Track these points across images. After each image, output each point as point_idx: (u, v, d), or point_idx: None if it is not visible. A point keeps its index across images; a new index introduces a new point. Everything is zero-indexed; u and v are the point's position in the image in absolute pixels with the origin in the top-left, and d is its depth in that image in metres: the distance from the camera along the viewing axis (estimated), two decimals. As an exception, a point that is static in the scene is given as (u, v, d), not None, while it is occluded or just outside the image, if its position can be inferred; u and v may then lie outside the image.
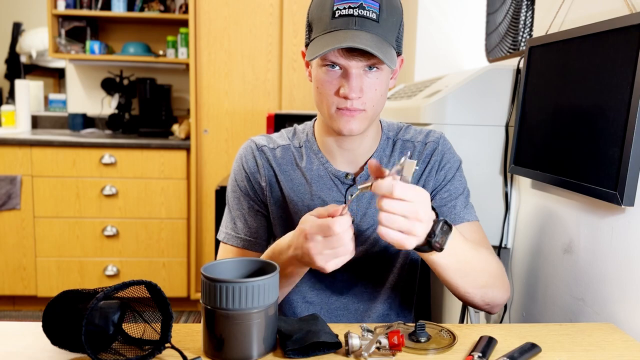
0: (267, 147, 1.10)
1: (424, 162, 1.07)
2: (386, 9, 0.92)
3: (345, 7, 0.90)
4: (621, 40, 0.97)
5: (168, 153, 2.94)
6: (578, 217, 1.14)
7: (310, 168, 1.07)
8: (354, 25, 0.90)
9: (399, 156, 1.08)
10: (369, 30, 0.90)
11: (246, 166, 1.10)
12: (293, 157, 1.09)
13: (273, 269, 0.81)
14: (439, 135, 1.10)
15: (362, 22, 0.90)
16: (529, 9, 1.62)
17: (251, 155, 1.10)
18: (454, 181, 1.08)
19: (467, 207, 1.08)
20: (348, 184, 1.06)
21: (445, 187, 1.08)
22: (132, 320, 0.83)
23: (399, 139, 1.09)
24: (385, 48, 0.90)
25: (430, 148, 1.08)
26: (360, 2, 0.90)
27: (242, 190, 1.10)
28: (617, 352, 0.85)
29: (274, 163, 1.09)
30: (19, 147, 2.85)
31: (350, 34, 0.89)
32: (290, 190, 1.07)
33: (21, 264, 2.94)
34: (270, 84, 2.95)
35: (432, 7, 2.47)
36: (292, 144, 1.10)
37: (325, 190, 1.06)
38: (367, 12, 0.90)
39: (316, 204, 1.05)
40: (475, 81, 1.40)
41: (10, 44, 3.52)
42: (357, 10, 0.90)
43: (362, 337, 0.80)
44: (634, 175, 0.94)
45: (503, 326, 0.96)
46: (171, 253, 3.02)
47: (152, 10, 3.19)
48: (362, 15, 0.90)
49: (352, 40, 0.87)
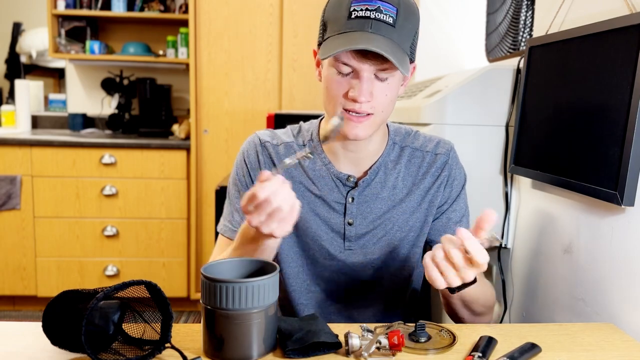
0: (270, 143, 1.09)
1: (433, 176, 1.07)
2: (403, 15, 0.90)
3: (363, 9, 0.89)
4: (621, 40, 0.97)
5: (168, 153, 2.94)
6: (578, 217, 1.14)
7: (312, 167, 1.07)
8: (370, 27, 0.88)
9: (406, 164, 1.08)
10: (384, 34, 0.89)
11: (248, 160, 1.10)
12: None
13: (273, 269, 0.81)
14: (449, 148, 1.09)
15: (378, 25, 0.89)
16: (529, 9, 1.62)
17: (254, 149, 1.10)
18: (459, 200, 1.10)
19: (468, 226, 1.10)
20: (350, 187, 1.05)
21: (452, 206, 1.09)
22: (132, 320, 0.83)
23: (408, 146, 1.08)
24: (399, 54, 0.89)
25: (441, 161, 1.07)
26: (378, 5, 0.88)
27: (242, 184, 1.10)
28: (617, 352, 0.85)
29: (276, 159, 1.08)
30: (19, 147, 2.85)
31: (365, 36, 0.88)
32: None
33: (21, 264, 2.94)
34: (270, 84, 2.94)
35: (432, 7, 2.47)
36: (296, 142, 1.10)
37: (326, 190, 1.06)
38: (384, 15, 0.89)
39: (317, 202, 1.05)
40: (475, 81, 1.40)
41: (10, 44, 3.52)
42: (374, 13, 0.88)
43: (362, 337, 0.80)
44: (634, 175, 0.94)
45: (503, 326, 0.96)
46: (171, 253, 3.02)
47: (152, 10, 3.19)
48: (378, 18, 0.88)
49: (367, 43, 0.86)
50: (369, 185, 1.05)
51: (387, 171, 1.06)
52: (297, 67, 2.92)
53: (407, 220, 1.07)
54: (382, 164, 1.06)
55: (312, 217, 1.05)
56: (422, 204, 1.07)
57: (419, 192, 1.07)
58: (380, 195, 1.05)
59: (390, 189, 1.06)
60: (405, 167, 1.07)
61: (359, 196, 1.05)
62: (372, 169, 1.05)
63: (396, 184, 1.06)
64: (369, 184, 1.05)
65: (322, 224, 1.06)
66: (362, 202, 1.05)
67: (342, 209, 1.05)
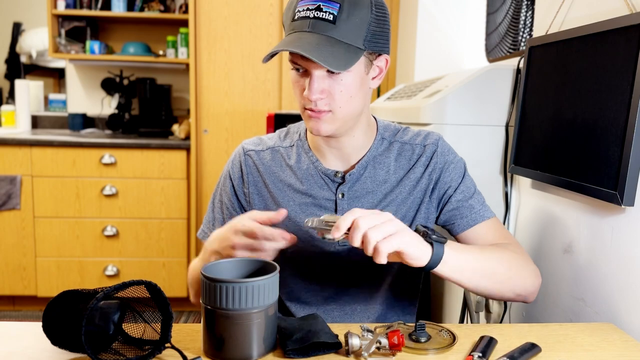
0: (254, 150, 1.12)
1: (422, 165, 1.07)
2: (347, 9, 0.89)
3: (304, 9, 0.91)
4: (621, 40, 0.97)
5: (168, 153, 2.94)
6: (578, 217, 1.14)
7: (300, 167, 1.08)
8: (307, 27, 0.90)
9: (396, 157, 1.08)
10: (322, 32, 0.89)
11: (231, 172, 1.13)
12: (282, 157, 1.10)
13: (273, 269, 0.81)
14: (437, 137, 1.09)
15: (316, 24, 0.89)
16: (529, 9, 1.62)
17: (237, 161, 1.13)
18: (465, 181, 1.09)
19: (484, 204, 1.09)
20: (338, 182, 1.06)
21: (459, 189, 1.08)
22: (132, 320, 0.83)
23: (396, 141, 1.09)
24: (337, 50, 0.88)
25: (430, 150, 1.07)
26: (319, 3, 0.89)
27: (225, 194, 1.13)
28: (617, 352, 0.85)
29: (261, 167, 1.10)
30: (19, 147, 2.85)
31: (298, 37, 0.89)
32: (279, 191, 1.08)
33: (21, 264, 2.94)
34: (270, 84, 2.95)
35: (432, 7, 2.47)
36: (282, 144, 1.12)
37: (316, 188, 1.06)
38: (324, 13, 0.89)
39: (307, 202, 1.06)
40: (475, 81, 1.40)
41: (10, 44, 3.52)
42: (314, 12, 0.90)
43: (362, 337, 0.80)
44: (634, 175, 0.94)
45: (503, 326, 0.96)
46: (171, 253, 3.02)
47: (152, 10, 3.19)
48: (317, 17, 0.89)
49: (294, 44, 0.88)
50: (358, 180, 1.06)
51: (376, 165, 1.07)
52: (297, 67, 2.92)
53: (395, 212, 1.05)
54: (370, 158, 1.06)
55: (303, 217, 1.06)
56: (412, 194, 1.06)
57: (409, 182, 1.06)
58: (371, 190, 1.06)
59: (381, 182, 1.06)
60: (395, 161, 1.07)
61: (348, 191, 1.05)
62: (359, 163, 1.06)
63: (387, 178, 1.06)
64: (358, 178, 1.06)
65: None
66: (353, 198, 1.05)
67: (333, 206, 1.05)
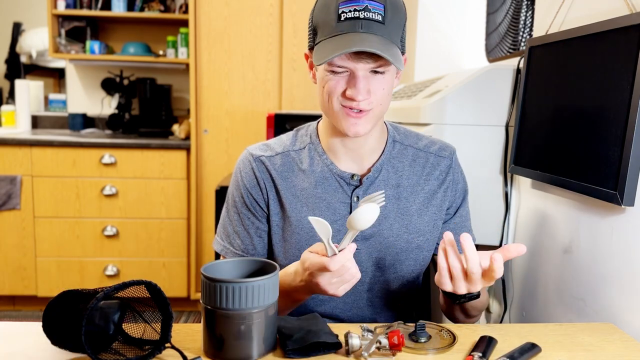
0: (265, 156, 1.08)
1: (437, 179, 1.08)
2: (390, 10, 0.92)
3: (351, 10, 0.90)
4: (621, 40, 0.97)
5: (168, 153, 2.94)
6: (578, 217, 1.14)
7: (313, 170, 1.06)
8: (361, 28, 0.90)
9: (410, 163, 1.08)
10: (375, 32, 0.91)
11: (246, 181, 1.08)
12: (294, 162, 1.08)
13: (273, 268, 0.81)
14: (452, 151, 1.11)
15: (369, 24, 0.90)
16: (529, 9, 1.62)
17: (249, 168, 1.08)
18: (464, 205, 1.13)
19: (471, 231, 1.15)
20: (354, 185, 1.05)
21: (458, 212, 1.12)
22: (132, 320, 0.83)
23: (411, 146, 1.10)
24: (392, 49, 0.91)
25: (445, 164, 1.09)
26: (366, 4, 0.90)
27: (242, 206, 1.09)
28: (617, 352, 0.85)
29: (273, 172, 1.07)
30: (19, 147, 2.85)
31: (357, 37, 0.89)
32: (292, 197, 1.06)
33: (21, 264, 2.94)
34: (270, 84, 2.95)
35: (432, 7, 2.47)
36: (293, 148, 1.09)
37: (330, 192, 1.05)
38: (373, 14, 0.90)
39: (321, 206, 1.05)
40: (475, 81, 1.40)
41: (10, 44, 3.52)
42: (363, 12, 0.90)
43: (362, 337, 0.80)
44: (634, 175, 0.94)
45: (503, 326, 0.96)
46: (171, 253, 3.02)
47: (152, 10, 3.19)
48: (367, 17, 0.90)
49: (361, 44, 0.88)
50: (372, 183, 1.05)
51: (391, 169, 1.07)
52: (297, 67, 2.92)
53: (411, 221, 1.06)
54: (384, 161, 1.06)
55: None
56: (429, 207, 1.08)
57: (424, 193, 1.07)
58: (385, 193, 1.05)
59: (395, 187, 1.06)
60: (410, 167, 1.08)
61: (363, 195, 1.04)
62: (375, 166, 1.06)
63: (400, 182, 1.06)
64: (373, 181, 1.05)
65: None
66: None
67: (348, 209, 1.05)
